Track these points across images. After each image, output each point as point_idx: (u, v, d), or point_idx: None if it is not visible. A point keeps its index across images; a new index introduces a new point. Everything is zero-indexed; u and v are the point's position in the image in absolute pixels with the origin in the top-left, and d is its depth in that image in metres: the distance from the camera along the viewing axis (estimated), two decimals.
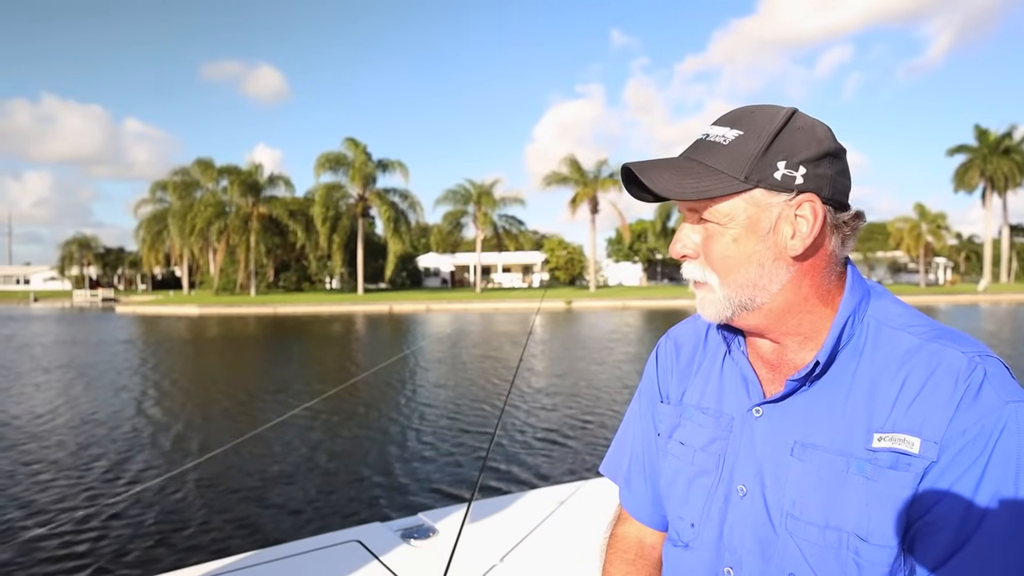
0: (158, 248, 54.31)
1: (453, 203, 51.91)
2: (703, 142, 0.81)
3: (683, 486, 0.91)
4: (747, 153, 0.77)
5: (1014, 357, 14.90)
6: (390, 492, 6.04)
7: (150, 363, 15.92)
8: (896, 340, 0.78)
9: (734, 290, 0.81)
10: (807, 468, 0.78)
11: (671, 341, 1.03)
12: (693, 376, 0.96)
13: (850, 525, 0.74)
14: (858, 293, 0.83)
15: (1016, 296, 43.53)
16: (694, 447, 0.90)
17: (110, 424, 8.85)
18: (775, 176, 0.76)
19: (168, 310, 40.67)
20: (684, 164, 0.79)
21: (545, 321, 29.07)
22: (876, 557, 0.73)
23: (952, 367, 0.73)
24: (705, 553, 0.87)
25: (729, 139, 0.78)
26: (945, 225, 53.00)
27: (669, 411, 0.97)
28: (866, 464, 0.74)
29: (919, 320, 0.80)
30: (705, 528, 0.87)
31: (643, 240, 61.85)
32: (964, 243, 69.55)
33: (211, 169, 49.72)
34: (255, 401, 10.81)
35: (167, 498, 5.73)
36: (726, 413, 0.88)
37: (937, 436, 0.71)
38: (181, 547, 4.82)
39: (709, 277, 0.82)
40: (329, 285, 56.54)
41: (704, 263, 0.82)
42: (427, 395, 10.87)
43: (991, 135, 52.51)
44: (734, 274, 0.80)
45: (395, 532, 2.07)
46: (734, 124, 0.79)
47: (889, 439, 0.73)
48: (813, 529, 0.76)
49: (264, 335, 24.93)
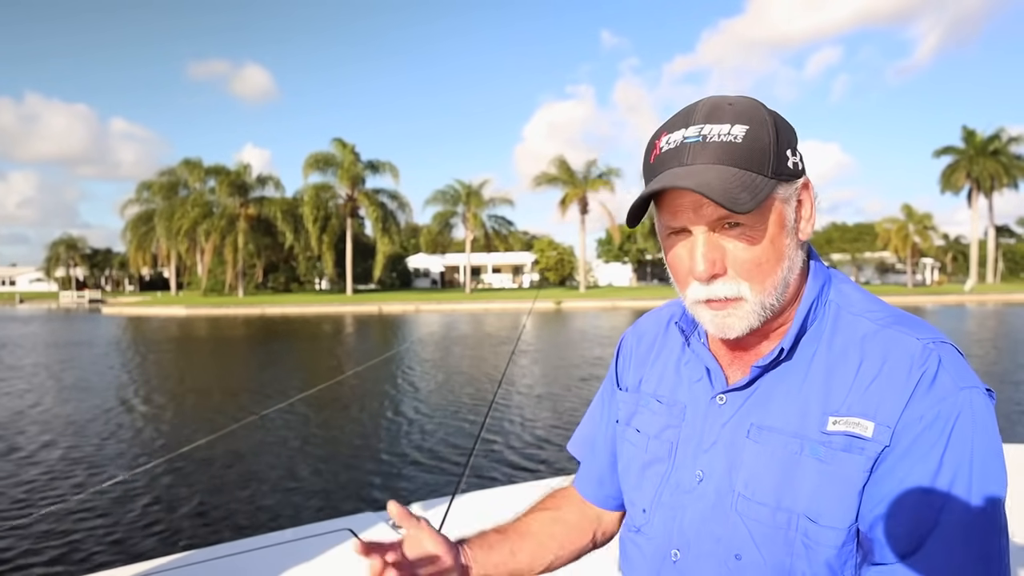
0: (145, 249, 53.85)
1: (443, 204, 51.84)
2: (708, 143, 0.73)
3: (637, 473, 0.92)
4: (764, 147, 0.73)
5: (994, 355, 14.99)
6: (386, 480, 6.14)
7: (131, 364, 15.74)
8: (854, 325, 0.78)
9: (768, 295, 0.76)
10: (761, 450, 0.77)
11: (635, 330, 1.04)
12: (651, 365, 0.96)
13: (801, 506, 0.74)
14: (820, 278, 0.82)
15: (1002, 296, 44.00)
16: (648, 435, 0.91)
17: (84, 421, 8.72)
18: (788, 165, 0.75)
19: (155, 311, 40.33)
20: (720, 173, 0.72)
21: (535, 321, 29.03)
22: (824, 539, 0.73)
23: (907, 353, 0.73)
24: (655, 537, 0.87)
25: (740, 136, 0.73)
26: (932, 226, 53.37)
27: (627, 399, 0.98)
28: (820, 447, 0.74)
29: (877, 306, 0.80)
30: (656, 513, 0.88)
31: (633, 241, 61.92)
32: (951, 244, 70.16)
33: (199, 169, 49.36)
34: (231, 400, 10.69)
35: (152, 489, 5.70)
36: (679, 402, 0.88)
37: (891, 421, 0.71)
38: (177, 533, 4.91)
39: (743, 290, 0.76)
40: (318, 286, 56.28)
41: (735, 276, 0.76)
42: (415, 392, 10.81)
43: (978, 137, 52.97)
44: (771, 276, 0.76)
45: (386, 521, 2.10)
46: (734, 119, 0.74)
47: (843, 422, 0.73)
48: (764, 510, 0.76)
49: (250, 336, 24.74)
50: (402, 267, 61.71)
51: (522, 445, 7.46)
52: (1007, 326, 24.03)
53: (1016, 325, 24.36)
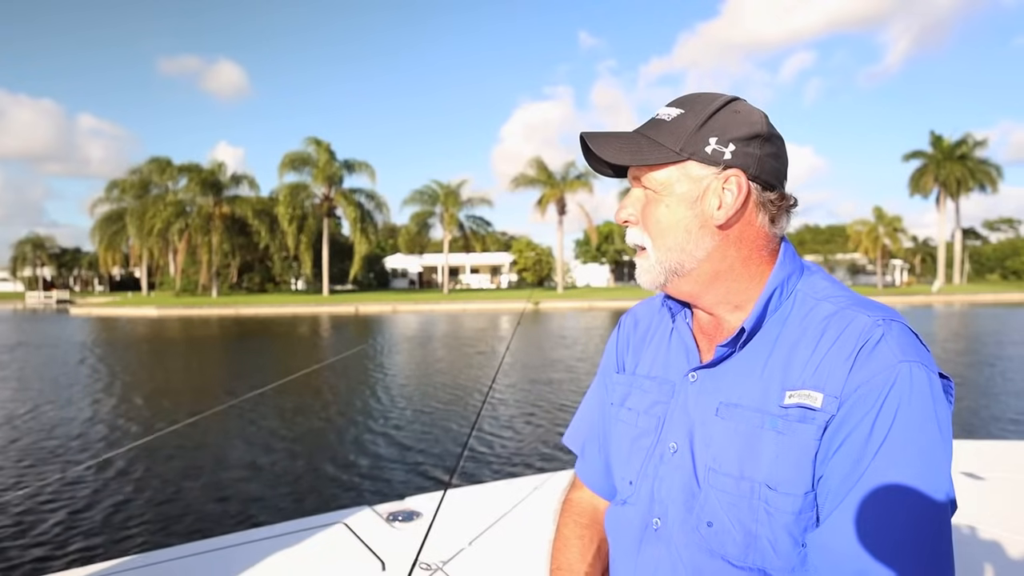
0: (116, 248, 52.80)
1: (420, 204, 51.62)
2: (652, 120, 0.90)
3: (627, 447, 0.97)
4: (685, 128, 0.85)
5: (956, 353, 15.35)
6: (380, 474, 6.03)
7: (90, 364, 15.41)
8: (817, 309, 0.84)
9: (664, 254, 0.88)
10: (727, 426, 0.84)
11: (632, 315, 1.09)
12: (646, 348, 1.02)
13: (761, 476, 0.79)
14: (788, 268, 0.88)
15: (967, 297, 45.30)
16: (638, 411, 0.97)
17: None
18: (706, 150, 0.84)
19: (125, 312, 39.56)
20: (631, 137, 0.89)
21: (514, 321, 29.00)
22: (782, 504, 0.78)
23: (856, 328, 0.79)
24: (639, 507, 0.92)
25: (672, 116, 0.87)
26: (901, 228, 54.52)
27: (622, 381, 1.03)
28: (778, 420, 0.80)
29: (841, 292, 0.86)
30: (641, 484, 0.93)
31: (610, 241, 62.26)
32: (919, 246, 71.67)
33: (171, 168, 48.53)
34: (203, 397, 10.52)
35: (132, 480, 5.64)
36: (669, 379, 0.94)
37: (837, 391, 0.77)
38: (168, 527, 4.91)
39: (645, 241, 0.90)
40: (294, 286, 55.68)
41: (643, 229, 0.90)
42: (407, 388, 10.74)
43: (945, 141, 54.23)
44: (665, 238, 0.88)
45: (380, 515, 2.16)
46: (681, 105, 0.88)
47: (798, 395, 0.79)
48: (729, 480, 0.82)
49: (222, 336, 24.38)
50: (380, 267, 61.36)
51: (515, 438, 7.46)
52: (973, 327, 24.61)
53: (982, 325, 24.96)
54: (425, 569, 1.80)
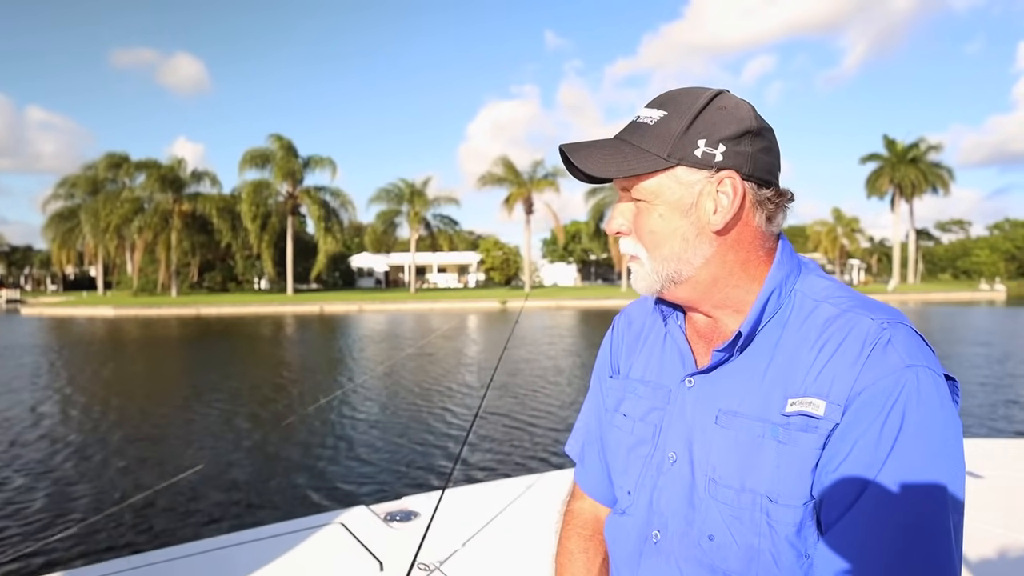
0: (70, 246, 51.11)
1: (387, 202, 51.09)
2: (633, 123, 0.85)
3: (623, 456, 0.94)
4: (670, 133, 0.80)
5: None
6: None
7: (32, 366, 14.89)
8: (818, 311, 0.81)
9: (661, 263, 0.84)
10: (727, 435, 0.80)
11: (625, 317, 1.06)
12: (639, 350, 0.99)
13: (763, 488, 0.76)
14: (786, 267, 0.85)
15: (921, 296, 47.29)
16: (634, 418, 0.93)
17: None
18: (695, 154, 0.80)
19: (80, 311, 38.30)
20: (613, 145, 0.84)
21: (480, 322, 28.96)
22: (784, 517, 0.75)
23: (861, 332, 0.76)
24: (638, 518, 0.90)
25: (655, 120, 0.82)
26: (859, 229, 56.19)
27: (616, 385, 1.00)
28: (780, 429, 0.76)
29: (842, 292, 0.83)
30: (640, 495, 0.90)
31: (577, 241, 62.62)
32: (876, 246, 73.88)
33: (128, 164, 47.13)
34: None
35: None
36: (664, 385, 0.91)
37: (842, 399, 0.73)
38: (173, 527, 4.91)
39: (639, 252, 0.86)
40: (257, 285, 54.64)
41: (636, 239, 0.86)
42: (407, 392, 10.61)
43: (899, 145, 55.95)
44: (661, 248, 0.84)
45: (378, 515, 2.16)
46: (662, 106, 0.83)
47: (799, 403, 0.76)
48: (730, 492, 0.79)
49: (182, 337, 23.79)
50: (345, 266, 60.55)
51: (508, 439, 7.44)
52: (927, 323, 25.45)
53: (935, 322, 25.83)
54: (423, 569, 1.79)
